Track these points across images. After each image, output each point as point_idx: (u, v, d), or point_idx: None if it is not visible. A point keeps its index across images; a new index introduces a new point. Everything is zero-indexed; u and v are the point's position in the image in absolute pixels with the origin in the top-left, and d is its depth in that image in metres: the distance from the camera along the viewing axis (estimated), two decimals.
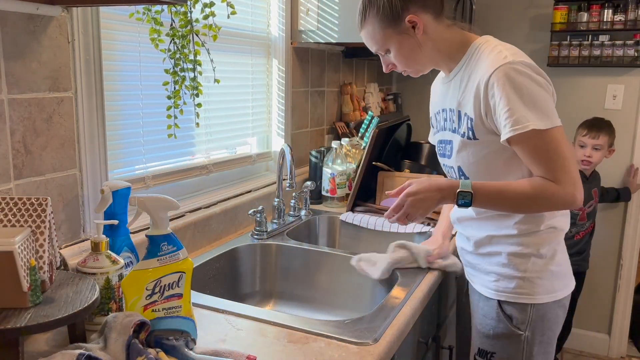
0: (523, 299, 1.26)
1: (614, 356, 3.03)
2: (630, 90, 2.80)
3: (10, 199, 0.95)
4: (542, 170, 1.14)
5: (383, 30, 1.20)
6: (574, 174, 1.13)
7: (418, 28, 1.18)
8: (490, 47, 1.18)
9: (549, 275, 1.26)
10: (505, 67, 1.11)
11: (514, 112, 1.10)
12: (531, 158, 1.14)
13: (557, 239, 1.28)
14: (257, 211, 1.66)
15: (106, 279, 0.99)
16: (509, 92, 1.10)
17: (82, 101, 1.21)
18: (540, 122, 1.10)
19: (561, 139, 1.13)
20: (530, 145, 1.12)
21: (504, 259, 1.27)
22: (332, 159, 2.11)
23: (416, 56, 1.23)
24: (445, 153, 1.33)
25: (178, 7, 1.35)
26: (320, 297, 1.62)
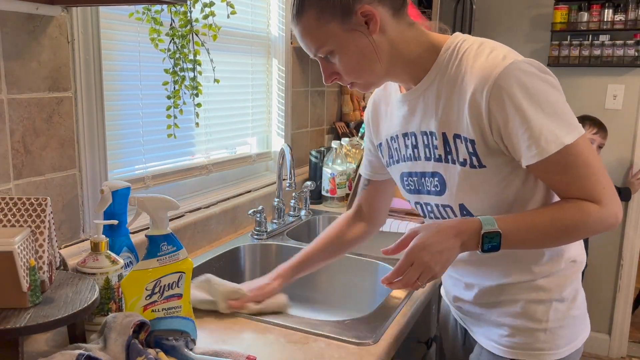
0: (544, 357, 1.02)
1: (614, 356, 3.03)
2: (630, 90, 2.80)
3: (10, 199, 0.95)
4: (575, 190, 0.91)
5: (326, 24, 0.91)
6: (612, 189, 0.91)
7: (374, 24, 0.90)
8: (476, 48, 0.92)
9: (571, 322, 1.04)
10: (510, 70, 0.86)
11: (538, 128, 0.86)
12: (560, 178, 0.91)
13: (577, 275, 1.06)
14: (257, 211, 1.66)
15: (106, 279, 0.99)
16: (523, 102, 0.86)
17: (82, 101, 1.21)
18: (567, 134, 0.87)
19: (589, 149, 0.91)
20: (559, 165, 0.89)
21: (519, 309, 1.02)
22: (332, 159, 2.11)
23: (369, 61, 0.94)
24: (428, 189, 1.04)
25: (178, 7, 1.35)
26: (320, 297, 1.62)
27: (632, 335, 3.07)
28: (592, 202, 0.90)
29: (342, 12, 0.89)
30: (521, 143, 0.88)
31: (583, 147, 0.89)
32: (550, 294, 1.02)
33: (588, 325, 1.11)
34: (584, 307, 1.09)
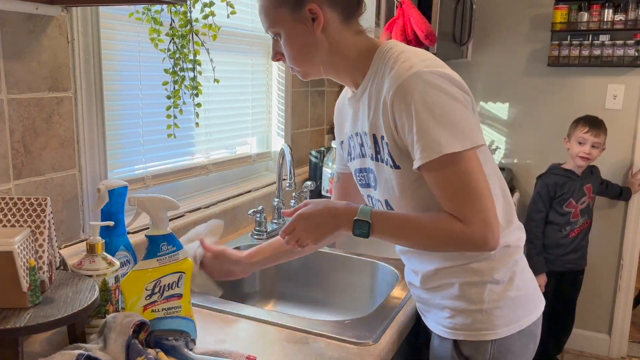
0: (482, 336, 1.07)
1: (614, 356, 3.03)
2: (630, 90, 2.80)
3: (10, 199, 0.95)
4: (448, 205, 0.96)
5: (279, 8, 1.01)
6: (486, 212, 0.94)
7: (317, 23, 0.99)
8: (396, 55, 0.98)
9: (509, 303, 1.08)
10: (412, 78, 0.92)
11: (423, 134, 0.92)
12: (439, 189, 0.96)
13: (512, 258, 1.10)
14: (257, 211, 1.66)
15: (103, 281, 0.99)
16: (418, 110, 0.91)
17: (82, 101, 1.21)
18: (455, 143, 0.91)
19: (476, 166, 0.94)
20: (440, 174, 0.94)
21: (456, 291, 1.08)
22: (332, 159, 2.11)
23: (308, 53, 1.03)
24: (369, 183, 1.14)
25: (178, 7, 1.35)
26: (320, 297, 1.62)
27: (632, 335, 3.07)
28: (460, 219, 0.94)
29: (294, 3, 0.99)
30: (412, 147, 0.95)
31: (469, 163, 0.93)
32: (483, 277, 1.07)
33: (537, 307, 1.14)
34: (527, 290, 1.12)
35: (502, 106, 3.08)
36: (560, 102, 2.95)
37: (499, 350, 1.08)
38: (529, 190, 3.05)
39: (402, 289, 1.33)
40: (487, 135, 3.12)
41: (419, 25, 1.64)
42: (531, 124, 3.02)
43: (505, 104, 3.07)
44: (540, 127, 3.00)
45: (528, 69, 2.98)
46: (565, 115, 2.93)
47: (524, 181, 3.07)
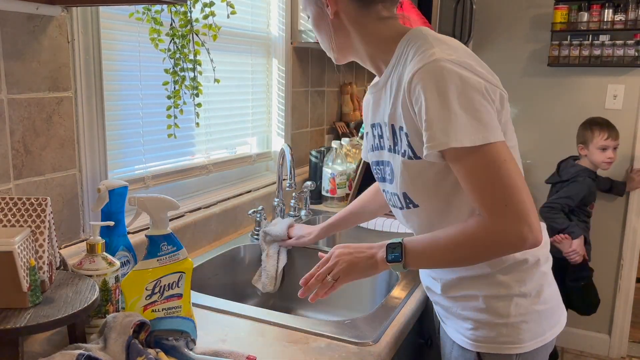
0: (507, 349, 1.04)
1: (614, 356, 3.03)
2: (630, 90, 2.80)
3: (10, 199, 0.95)
4: (477, 201, 0.89)
5: None
6: (521, 205, 0.87)
7: (329, 9, 1.01)
8: (420, 43, 0.94)
9: (535, 317, 1.04)
10: (430, 66, 0.88)
11: (432, 123, 0.87)
12: (465, 184, 0.90)
13: (539, 270, 1.05)
14: (256, 211, 1.66)
15: (103, 281, 0.99)
16: (431, 96, 0.87)
17: (82, 101, 1.21)
18: (466, 137, 0.85)
19: (501, 159, 0.87)
20: (462, 168, 0.88)
21: (481, 304, 1.04)
22: (332, 159, 2.11)
23: (327, 36, 1.06)
24: (385, 177, 1.10)
25: (178, 7, 1.35)
26: None
27: (632, 335, 3.07)
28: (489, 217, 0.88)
29: None
30: (423, 133, 0.90)
31: (492, 156, 0.87)
32: (510, 290, 1.03)
33: (560, 321, 1.11)
34: (552, 302, 1.09)
35: None
36: (560, 102, 2.95)
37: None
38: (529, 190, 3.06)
39: (402, 289, 1.33)
40: None
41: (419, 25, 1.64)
42: (531, 124, 3.02)
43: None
44: (540, 127, 3.01)
45: (528, 69, 2.99)
46: (565, 115, 2.93)
47: None
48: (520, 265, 1.03)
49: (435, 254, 0.97)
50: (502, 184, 0.87)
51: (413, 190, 1.02)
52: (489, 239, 0.90)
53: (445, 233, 0.95)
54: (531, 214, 0.88)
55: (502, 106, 0.94)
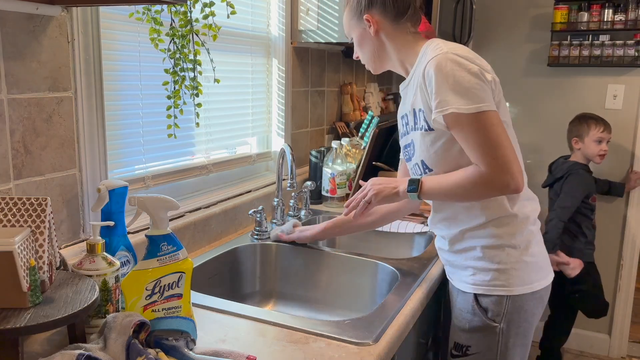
0: (498, 291, 1.27)
1: (614, 356, 3.03)
2: (630, 90, 2.80)
3: (10, 199, 0.95)
4: (473, 156, 1.16)
5: (350, 19, 1.34)
6: (505, 158, 1.13)
7: (372, 28, 1.29)
8: (433, 46, 1.22)
9: (524, 266, 1.27)
10: (438, 57, 1.16)
11: (438, 95, 1.15)
12: (464, 144, 1.17)
13: (527, 228, 1.28)
14: (257, 211, 1.66)
15: (103, 281, 0.99)
16: (438, 78, 1.14)
17: (82, 101, 1.21)
18: (463, 105, 1.12)
19: (490, 124, 1.13)
20: (461, 131, 1.15)
21: (479, 253, 1.28)
22: (332, 159, 2.11)
23: (370, 51, 1.33)
24: (410, 155, 1.35)
25: (178, 7, 1.35)
26: (320, 297, 1.62)
27: (632, 335, 3.07)
28: (483, 167, 1.14)
29: (358, 15, 1.31)
30: (432, 103, 1.17)
31: (483, 121, 1.13)
32: (502, 240, 1.26)
33: (547, 276, 1.33)
34: (539, 258, 1.31)
35: None
36: (560, 102, 2.95)
37: (513, 306, 1.27)
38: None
39: (402, 289, 1.33)
40: None
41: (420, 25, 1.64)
42: (531, 124, 3.02)
43: (505, 103, 3.07)
44: (540, 127, 3.01)
45: (528, 69, 2.99)
46: (565, 115, 2.93)
47: None
48: (511, 219, 1.26)
49: (442, 190, 1.24)
50: (491, 142, 1.13)
51: (428, 157, 1.27)
52: (481, 183, 1.16)
53: (452, 175, 1.22)
54: (513, 166, 1.14)
55: (495, 87, 1.20)
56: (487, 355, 1.31)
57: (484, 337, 1.30)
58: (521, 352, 1.33)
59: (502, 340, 1.29)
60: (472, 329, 1.31)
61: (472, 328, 1.31)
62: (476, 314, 1.30)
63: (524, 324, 1.30)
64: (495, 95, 1.19)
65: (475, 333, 1.31)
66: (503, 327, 1.28)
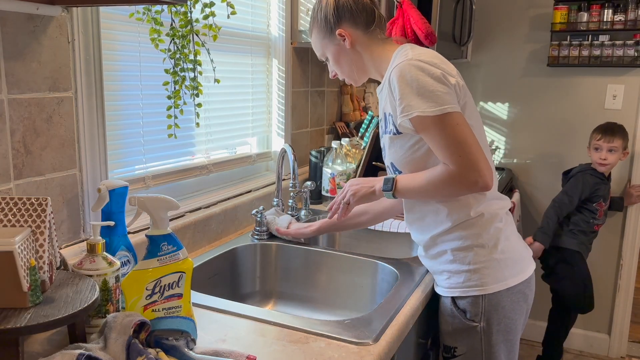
0: (473, 291, 1.29)
1: (614, 356, 3.04)
2: (630, 90, 2.81)
3: (10, 199, 0.95)
4: (441, 156, 1.19)
5: (321, 39, 1.35)
6: (472, 156, 1.16)
7: (347, 41, 1.30)
8: (402, 52, 1.25)
9: (495, 264, 1.28)
10: (402, 64, 1.19)
11: (402, 100, 1.18)
12: (432, 145, 1.20)
13: (493, 226, 1.29)
14: (258, 211, 1.66)
15: (103, 281, 0.99)
16: (402, 84, 1.18)
17: (82, 101, 1.21)
18: (428, 108, 1.15)
19: (455, 123, 1.16)
20: (428, 133, 1.18)
21: (450, 256, 1.31)
22: (332, 159, 2.11)
23: (348, 65, 1.35)
24: (385, 156, 1.39)
25: (178, 7, 1.35)
26: (320, 297, 1.62)
27: (632, 335, 3.07)
28: (451, 166, 1.17)
29: (329, 32, 1.32)
30: (397, 109, 1.20)
31: (447, 122, 1.16)
32: (469, 241, 1.28)
33: (524, 270, 1.34)
34: (511, 254, 1.32)
35: (502, 106, 3.08)
36: (560, 102, 2.95)
37: (490, 304, 1.29)
38: (529, 190, 3.06)
39: (402, 289, 1.33)
40: (487, 135, 3.12)
41: (418, 26, 1.63)
42: (531, 124, 3.02)
43: (505, 104, 3.07)
44: (540, 127, 3.01)
45: (528, 69, 2.99)
46: (565, 115, 2.93)
47: (524, 181, 3.07)
48: (476, 220, 1.28)
49: (415, 188, 1.27)
50: (457, 141, 1.16)
51: (397, 160, 1.31)
52: (450, 180, 1.19)
53: (425, 174, 1.25)
54: (480, 163, 1.16)
55: (460, 91, 1.22)
56: (473, 355, 1.34)
57: (468, 338, 1.33)
58: (506, 347, 1.34)
59: (485, 338, 1.32)
60: (455, 330, 1.34)
61: (455, 330, 1.34)
62: (456, 316, 1.32)
63: (505, 320, 1.31)
64: (461, 98, 1.22)
65: (458, 335, 1.34)
66: (483, 326, 1.30)
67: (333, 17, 1.30)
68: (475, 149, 1.17)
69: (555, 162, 2.96)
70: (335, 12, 1.29)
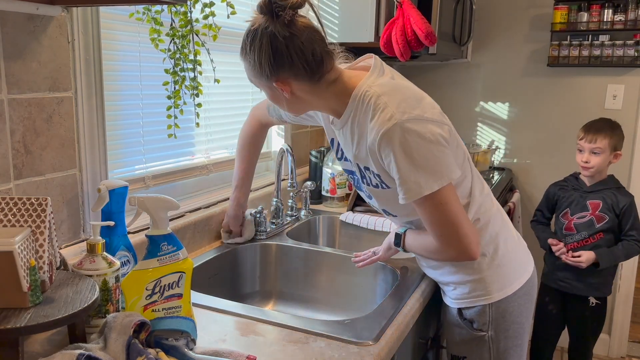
0: (480, 301, 1.28)
1: (614, 356, 3.03)
2: (630, 90, 2.80)
3: (10, 199, 0.95)
4: (433, 233, 1.14)
5: (255, 77, 1.14)
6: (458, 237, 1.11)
7: (285, 92, 1.12)
8: (374, 101, 1.09)
9: (498, 271, 1.27)
10: (393, 129, 1.04)
11: (405, 180, 1.06)
12: (424, 220, 1.14)
13: (489, 231, 1.26)
14: (257, 211, 1.66)
15: (103, 281, 0.99)
16: (399, 157, 1.05)
17: (82, 101, 1.21)
18: (433, 183, 1.06)
19: (451, 196, 1.09)
20: (420, 208, 1.11)
21: (451, 267, 1.28)
22: (332, 159, 2.11)
23: (287, 107, 1.19)
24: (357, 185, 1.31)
25: (178, 7, 1.35)
26: (320, 297, 1.62)
27: (632, 335, 3.07)
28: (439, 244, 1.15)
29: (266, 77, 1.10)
30: (397, 186, 1.10)
31: (443, 198, 1.08)
32: None
33: (525, 271, 1.33)
34: (512, 257, 1.30)
35: (502, 106, 3.08)
36: (560, 102, 2.95)
37: (497, 312, 1.28)
38: (529, 190, 3.06)
39: (402, 289, 1.33)
40: (487, 135, 3.12)
41: (418, 26, 1.64)
42: (531, 124, 3.02)
43: (505, 104, 3.07)
44: (540, 127, 3.01)
45: (528, 69, 2.99)
46: (565, 115, 2.93)
47: (524, 181, 3.07)
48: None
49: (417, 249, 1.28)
50: (447, 221, 1.11)
51: (391, 207, 1.26)
52: (440, 255, 1.19)
53: (424, 240, 1.22)
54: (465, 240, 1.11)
55: (450, 135, 1.12)
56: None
57: (476, 347, 1.32)
58: (516, 353, 1.33)
59: (494, 347, 1.30)
60: (463, 341, 1.33)
61: (462, 340, 1.33)
62: (462, 327, 1.32)
63: (513, 326, 1.30)
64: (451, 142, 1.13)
65: (466, 344, 1.33)
66: (491, 334, 1.29)
67: (269, 67, 1.07)
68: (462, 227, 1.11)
69: (555, 162, 2.96)
70: (271, 61, 1.06)
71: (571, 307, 2.39)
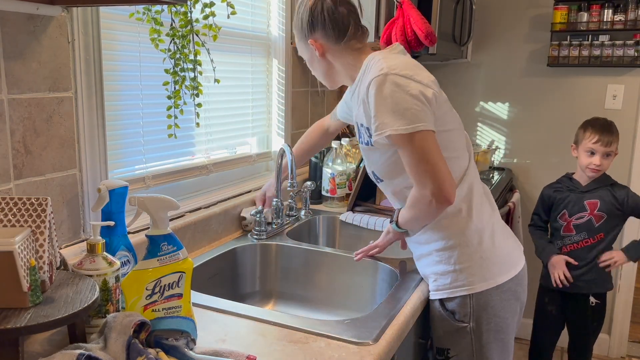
0: (460, 291, 1.29)
1: (614, 356, 3.03)
2: (630, 90, 2.80)
3: (10, 199, 0.95)
4: (411, 175, 1.20)
5: (299, 41, 1.38)
6: (435, 177, 1.16)
7: (317, 50, 1.33)
8: (374, 62, 1.24)
9: (480, 263, 1.28)
10: (378, 78, 1.17)
11: (377, 118, 1.18)
12: (404, 162, 1.20)
13: (474, 222, 1.28)
14: (257, 211, 1.66)
15: (103, 281, 0.99)
16: (377, 99, 1.17)
17: (82, 101, 1.21)
18: (400, 126, 1.15)
19: (428, 147, 1.16)
20: (401, 149, 1.19)
21: (435, 257, 1.31)
22: (332, 159, 2.11)
23: (320, 71, 1.39)
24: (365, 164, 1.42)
25: (178, 7, 1.35)
26: (320, 297, 1.62)
27: (632, 335, 3.07)
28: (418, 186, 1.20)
29: (304, 37, 1.34)
30: (372, 125, 1.20)
31: (416, 141, 1.16)
32: (452, 241, 1.29)
33: (512, 268, 1.33)
34: (499, 252, 1.32)
35: (502, 106, 3.08)
36: (560, 102, 2.95)
37: (478, 304, 1.29)
38: (529, 190, 3.06)
39: (402, 289, 1.33)
40: (487, 135, 3.12)
41: (418, 26, 1.64)
42: (531, 124, 3.02)
43: (505, 104, 3.07)
44: (540, 127, 3.01)
45: (528, 69, 2.99)
46: (565, 115, 2.93)
47: (524, 181, 3.07)
48: (455, 216, 1.28)
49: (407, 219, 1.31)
50: (422, 162, 1.17)
51: (377, 169, 1.34)
52: (420, 202, 1.22)
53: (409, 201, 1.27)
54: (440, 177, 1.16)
55: (437, 102, 1.21)
56: (465, 356, 1.33)
57: (459, 339, 1.32)
58: (498, 347, 1.33)
59: (475, 338, 1.31)
60: (446, 333, 1.34)
61: (445, 332, 1.34)
62: (445, 318, 1.32)
63: (495, 319, 1.30)
64: (437, 109, 1.21)
65: (450, 336, 1.33)
66: (473, 326, 1.30)
67: (307, 25, 1.31)
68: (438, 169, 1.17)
69: (555, 162, 2.96)
70: (309, 20, 1.31)
71: (571, 307, 2.39)
